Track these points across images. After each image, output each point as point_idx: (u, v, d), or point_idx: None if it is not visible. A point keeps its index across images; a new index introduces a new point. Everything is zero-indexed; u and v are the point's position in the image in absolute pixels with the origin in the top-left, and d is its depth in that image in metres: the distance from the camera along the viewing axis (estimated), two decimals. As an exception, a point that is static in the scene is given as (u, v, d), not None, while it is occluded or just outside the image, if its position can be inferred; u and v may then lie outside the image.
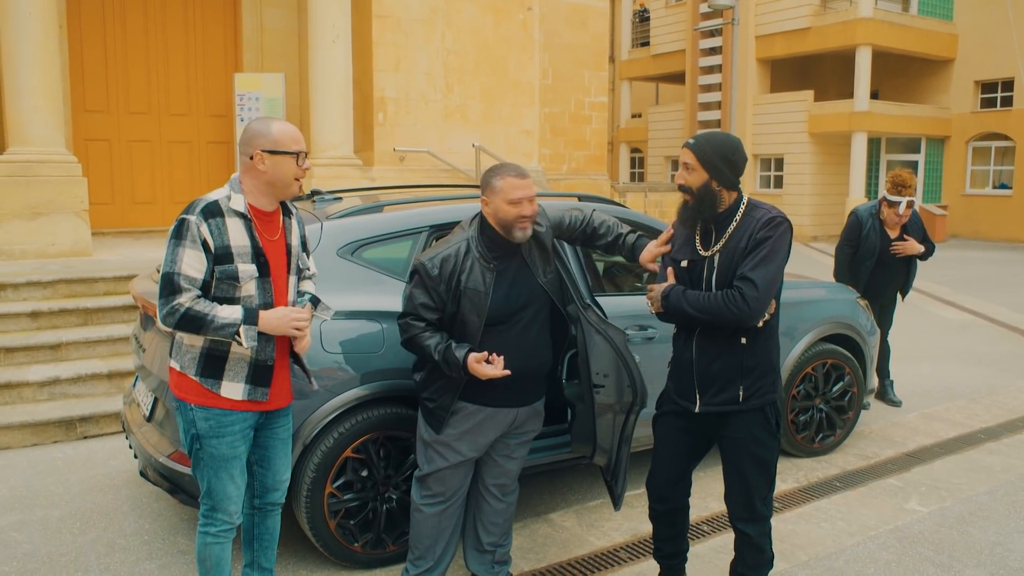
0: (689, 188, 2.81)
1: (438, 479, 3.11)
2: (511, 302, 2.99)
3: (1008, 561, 3.67)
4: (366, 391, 3.44)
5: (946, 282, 13.00)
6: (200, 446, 2.69)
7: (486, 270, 2.95)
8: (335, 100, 9.29)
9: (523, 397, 3.10)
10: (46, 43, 7.59)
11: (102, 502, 4.27)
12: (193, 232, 2.55)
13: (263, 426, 2.84)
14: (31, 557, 3.66)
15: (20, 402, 5.34)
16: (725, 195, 2.82)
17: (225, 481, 2.72)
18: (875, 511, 4.22)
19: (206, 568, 2.78)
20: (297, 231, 2.87)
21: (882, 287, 5.95)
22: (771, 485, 2.95)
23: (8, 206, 7.43)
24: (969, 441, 5.34)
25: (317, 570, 3.55)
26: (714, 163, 2.76)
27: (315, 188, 4.26)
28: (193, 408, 2.67)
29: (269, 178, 2.67)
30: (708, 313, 2.74)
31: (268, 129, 2.66)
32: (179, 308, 2.52)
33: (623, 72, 26.56)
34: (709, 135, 2.83)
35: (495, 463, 3.21)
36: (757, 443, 2.86)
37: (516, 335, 3.00)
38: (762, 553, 2.97)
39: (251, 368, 2.69)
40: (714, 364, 2.84)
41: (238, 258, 2.61)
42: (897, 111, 20.38)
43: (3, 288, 6.14)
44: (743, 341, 2.80)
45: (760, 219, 2.79)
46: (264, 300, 2.68)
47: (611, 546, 3.82)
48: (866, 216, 5.88)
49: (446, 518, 3.15)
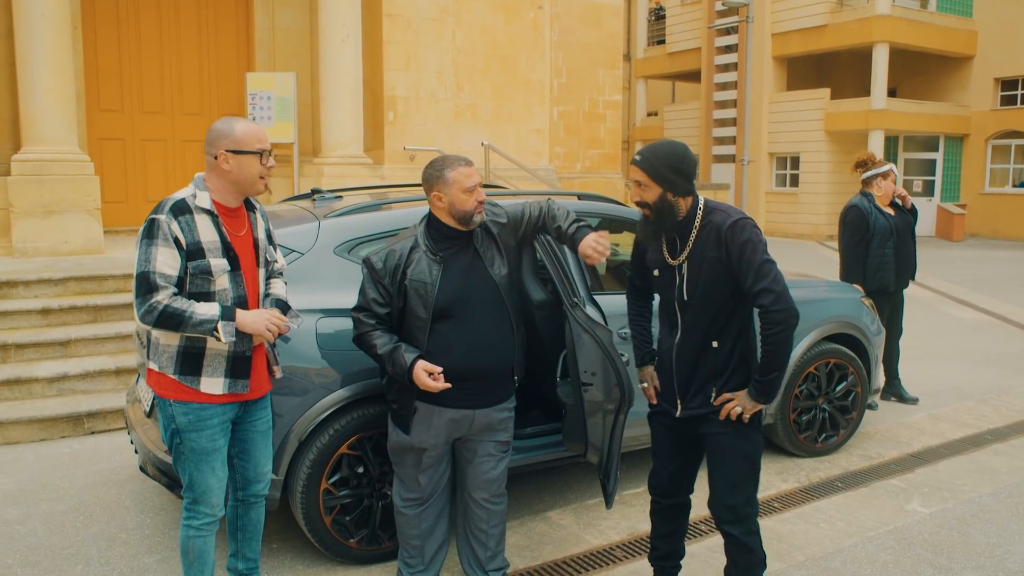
0: (647, 203, 2.82)
1: (411, 481, 3.12)
2: (461, 295, 2.95)
3: (1007, 563, 3.63)
4: (361, 388, 3.46)
5: (962, 281, 12.87)
6: (180, 440, 2.73)
7: (432, 262, 2.96)
8: (345, 99, 9.34)
9: (480, 398, 3.01)
10: (59, 43, 7.68)
11: (106, 496, 4.32)
12: (164, 230, 2.59)
13: (241, 419, 2.88)
14: (34, 550, 3.72)
15: (29, 398, 5.42)
16: (681, 203, 2.82)
17: (206, 474, 2.76)
18: (875, 512, 4.20)
19: (189, 560, 2.82)
20: (262, 225, 2.93)
21: (904, 271, 5.96)
22: (755, 482, 2.93)
23: (22, 204, 7.54)
24: (976, 442, 5.29)
25: (313, 565, 3.58)
26: (664, 175, 2.76)
27: (315, 187, 4.29)
28: (172, 404, 2.72)
29: (234, 177, 2.72)
30: (782, 355, 2.72)
31: (232, 129, 2.70)
32: (157, 306, 2.56)
33: (639, 70, 26.48)
34: (654, 148, 2.82)
35: (475, 470, 3.13)
36: (740, 437, 2.85)
37: (467, 331, 2.95)
38: (751, 553, 2.95)
39: (229, 361, 2.73)
40: (692, 370, 2.88)
41: (209, 253, 2.66)
42: (915, 109, 20.19)
43: (15, 285, 6.23)
44: (714, 345, 2.84)
45: (722, 226, 2.77)
46: (237, 293, 2.74)
47: (607, 544, 3.83)
48: (866, 204, 5.87)
49: (426, 519, 3.15)
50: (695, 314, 2.84)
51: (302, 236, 3.65)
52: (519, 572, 3.55)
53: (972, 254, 17.18)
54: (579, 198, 4.44)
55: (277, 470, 3.36)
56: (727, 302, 2.81)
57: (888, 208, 5.93)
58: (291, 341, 3.33)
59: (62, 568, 3.56)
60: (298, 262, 3.56)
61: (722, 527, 2.94)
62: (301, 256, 3.59)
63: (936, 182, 21.10)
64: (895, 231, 5.84)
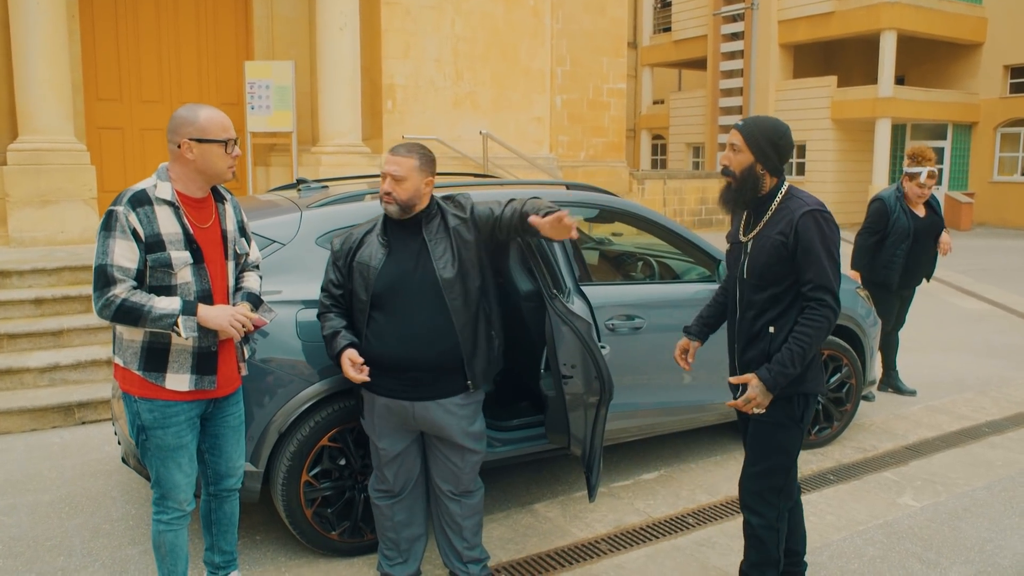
0: (732, 172, 2.79)
1: (379, 472, 3.13)
2: (399, 283, 2.93)
3: (998, 559, 3.58)
4: (342, 380, 3.40)
5: (967, 271, 12.76)
6: (146, 437, 2.69)
7: (380, 246, 2.99)
8: (343, 88, 9.29)
9: (416, 391, 2.96)
10: (55, 34, 7.65)
11: (92, 487, 4.31)
12: (122, 222, 2.53)
13: (212, 415, 2.84)
14: (17, 541, 3.71)
15: (21, 387, 5.42)
16: (767, 180, 2.79)
17: (173, 470, 2.72)
18: (866, 505, 4.15)
19: (161, 555, 2.79)
20: (233, 216, 2.86)
21: (914, 273, 5.85)
22: (785, 475, 2.87)
23: (18, 194, 7.53)
24: (972, 435, 5.23)
25: (295, 558, 3.56)
26: (761, 146, 2.74)
27: (300, 177, 4.25)
28: (137, 400, 2.67)
29: (198, 166, 2.65)
30: (808, 351, 2.67)
31: (195, 117, 2.63)
32: (115, 300, 2.51)
33: (645, 58, 26.31)
34: (759, 119, 2.81)
35: (436, 464, 3.11)
36: (777, 428, 2.81)
37: (402, 321, 2.93)
38: (764, 548, 2.90)
39: (195, 357, 2.67)
40: (747, 352, 2.86)
41: (170, 245, 2.59)
42: (922, 97, 19.99)
43: (8, 275, 6.22)
44: (771, 330, 2.79)
45: (797, 211, 2.72)
46: (201, 287, 2.67)
47: (593, 537, 3.79)
48: (892, 200, 5.73)
49: (400, 511, 3.13)
50: (753, 294, 2.82)
51: (284, 227, 3.61)
52: (503, 565, 3.52)
53: (979, 243, 17.02)
54: (568, 188, 4.39)
55: (257, 462, 3.34)
56: (786, 288, 2.76)
57: (919, 208, 5.76)
58: (271, 332, 3.30)
59: (44, 559, 3.55)
60: (279, 253, 3.52)
61: (744, 512, 2.93)
62: (283, 247, 3.55)
63: (944, 171, 20.90)
64: (913, 233, 5.68)
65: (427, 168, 2.99)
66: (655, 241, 4.63)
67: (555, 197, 4.17)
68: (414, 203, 2.98)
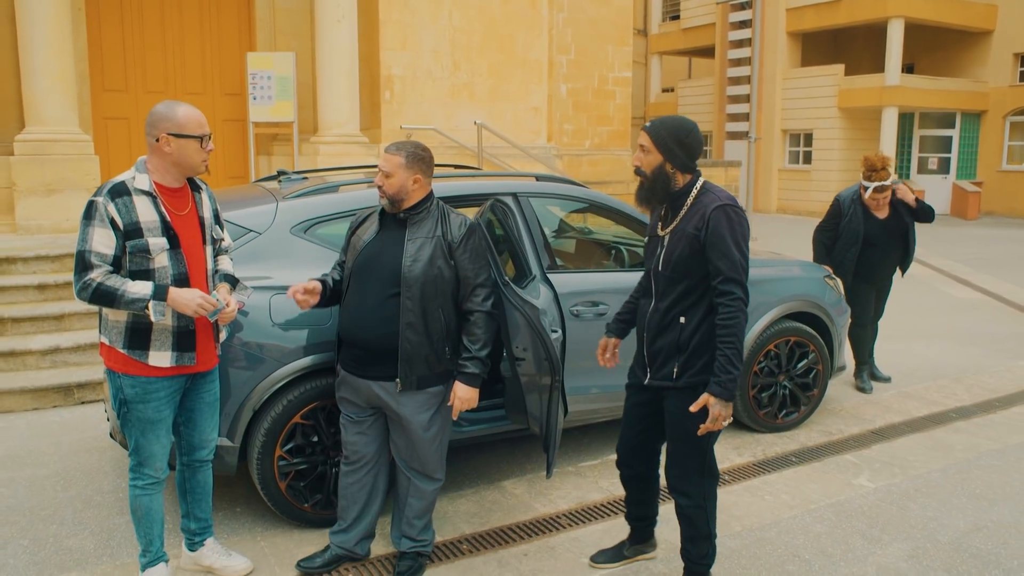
0: (643, 172, 2.95)
1: (344, 439, 3.36)
2: (371, 264, 3.18)
3: (937, 535, 3.75)
4: (314, 361, 3.63)
5: (966, 260, 12.80)
6: (128, 410, 2.92)
7: (375, 228, 3.25)
8: (341, 78, 9.47)
9: (361, 368, 3.20)
10: (59, 26, 7.88)
11: (87, 462, 4.56)
12: (101, 212, 2.75)
13: (190, 390, 3.07)
14: (13, 511, 3.96)
15: (23, 369, 5.68)
16: (679, 177, 2.94)
17: (151, 441, 2.95)
18: (822, 486, 4.32)
19: (138, 517, 3.03)
20: (209, 204, 3.09)
21: (876, 269, 5.87)
22: (703, 461, 3.05)
23: (25, 183, 7.79)
24: (938, 420, 5.37)
25: (270, 528, 3.78)
26: (668, 145, 2.89)
27: (281, 168, 4.45)
28: (120, 376, 2.90)
29: (175, 159, 2.87)
30: (738, 339, 2.79)
31: (174, 113, 2.85)
32: (91, 283, 2.73)
33: (654, 46, 26.30)
34: (665, 119, 2.96)
35: (393, 438, 3.33)
36: (689, 417, 2.94)
37: (358, 298, 3.18)
38: (694, 526, 3.10)
39: (174, 336, 2.90)
40: (658, 340, 3.02)
41: (148, 232, 2.81)
42: (930, 85, 19.91)
43: (13, 262, 6.48)
44: (682, 320, 2.95)
45: (709, 206, 2.86)
46: (178, 270, 2.89)
47: (554, 513, 3.99)
48: (847, 202, 5.81)
49: (354, 483, 3.35)
50: (667, 286, 2.97)
51: (260, 216, 3.81)
52: (465, 537, 3.73)
53: (983, 232, 17.01)
54: (537, 179, 4.56)
55: (233, 437, 3.56)
56: (699, 280, 2.91)
57: (883, 211, 5.72)
58: (247, 316, 3.51)
59: (38, 527, 3.79)
60: (255, 241, 3.73)
61: (673, 494, 3.13)
62: (259, 235, 3.75)
63: (952, 159, 20.83)
64: (863, 238, 5.71)
65: (414, 166, 3.17)
66: (626, 231, 4.79)
67: (525, 188, 4.34)
68: (401, 197, 3.18)
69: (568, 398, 4.00)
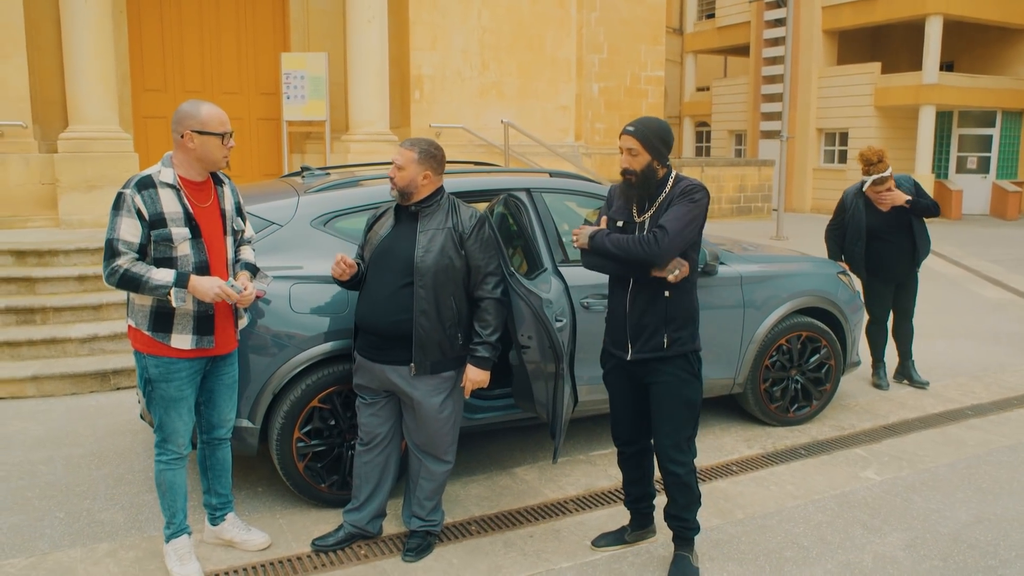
0: (633, 171, 3.19)
1: (359, 421, 3.52)
2: (387, 254, 3.35)
3: (938, 527, 3.80)
4: (332, 347, 3.81)
5: (1001, 260, 12.62)
6: (152, 388, 3.12)
7: (391, 222, 3.44)
8: (371, 78, 9.69)
9: (376, 353, 3.38)
10: (101, 29, 8.21)
11: (120, 444, 4.80)
12: (128, 203, 2.95)
13: (210, 372, 3.26)
14: (51, 486, 4.21)
15: (63, 356, 5.96)
16: (660, 172, 3.21)
17: (174, 418, 3.14)
18: (828, 477, 4.38)
19: (163, 491, 3.23)
20: (231, 197, 3.27)
21: (887, 265, 5.81)
22: (694, 424, 3.32)
23: (67, 179, 8.13)
24: (953, 416, 5.38)
25: (290, 507, 3.96)
26: (654, 145, 3.16)
27: (304, 164, 4.64)
28: (145, 356, 3.10)
29: (198, 155, 3.06)
30: (624, 251, 3.12)
31: (198, 111, 3.04)
32: (118, 269, 2.93)
33: (689, 45, 26.20)
34: (646, 121, 3.21)
35: (405, 419, 3.50)
36: (683, 384, 3.24)
37: (375, 287, 3.36)
38: (691, 491, 3.32)
39: (195, 320, 3.09)
40: (644, 316, 3.23)
41: (171, 223, 3.01)
42: (969, 83, 19.57)
43: (55, 254, 6.79)
44: (667, 295, 3.19)
45: (678, 192, 3.18)
46: (199, 259, 3.08)
47: (563, 498, 4.12)
48: (851, 197, 5.87)
49: (367, 463, 3.51)
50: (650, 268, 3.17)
51: (282, 209, 4.00)
52: (474, 519, 3.87)
53: (1021, 233, 16.70)
54: (551, 175, 4.68)
55: (254, 419, 3.75)
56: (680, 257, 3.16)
57: (884, 204, 5.67)
58: (269, 304, 3.70)
59: (72, 502, 4.03)
60: (277, 233, 3.91)
61: (667, 466, 3.30)
62: (280, 228, 3.94)
63: (992, 159, 20.45)
64: (867, 231, 5.72)
65: (426, 163, 3.35)
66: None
67: (538, 183, 4.48)
68: (411, 191, 3.36)
69: (580, 388, 4.13)
